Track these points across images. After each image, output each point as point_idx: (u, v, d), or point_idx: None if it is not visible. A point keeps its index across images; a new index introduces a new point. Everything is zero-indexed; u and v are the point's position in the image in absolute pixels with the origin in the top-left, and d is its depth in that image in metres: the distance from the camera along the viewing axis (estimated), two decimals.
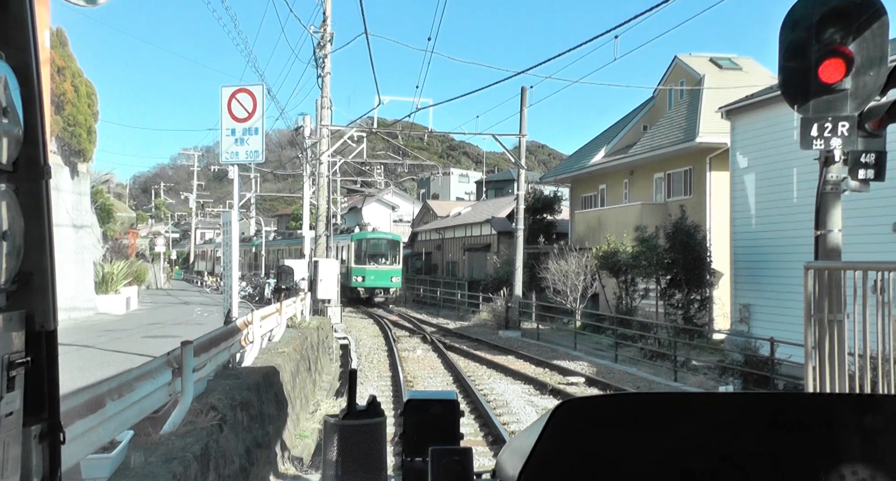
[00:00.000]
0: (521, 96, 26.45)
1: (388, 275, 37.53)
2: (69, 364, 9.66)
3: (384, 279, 37.39)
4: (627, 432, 1.19)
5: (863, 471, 1.15)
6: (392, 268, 37.87)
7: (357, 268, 37.18)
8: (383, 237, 39.46)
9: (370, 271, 37.17)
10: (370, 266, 37.18)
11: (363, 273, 37.15)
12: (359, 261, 37.29)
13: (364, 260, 37.23)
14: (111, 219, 35.57)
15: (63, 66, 19.49)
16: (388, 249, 38.14)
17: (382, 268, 37.46)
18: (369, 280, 37.10)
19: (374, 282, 37.19)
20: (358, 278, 36.99)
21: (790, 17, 5.74)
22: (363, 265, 37.14)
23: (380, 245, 38.20)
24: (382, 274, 37.36)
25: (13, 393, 1.14)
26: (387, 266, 37.64)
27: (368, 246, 37.74)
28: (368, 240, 38.15)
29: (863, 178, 5.94)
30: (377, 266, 37.36)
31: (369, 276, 37.04)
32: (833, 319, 5.58)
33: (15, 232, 1.16)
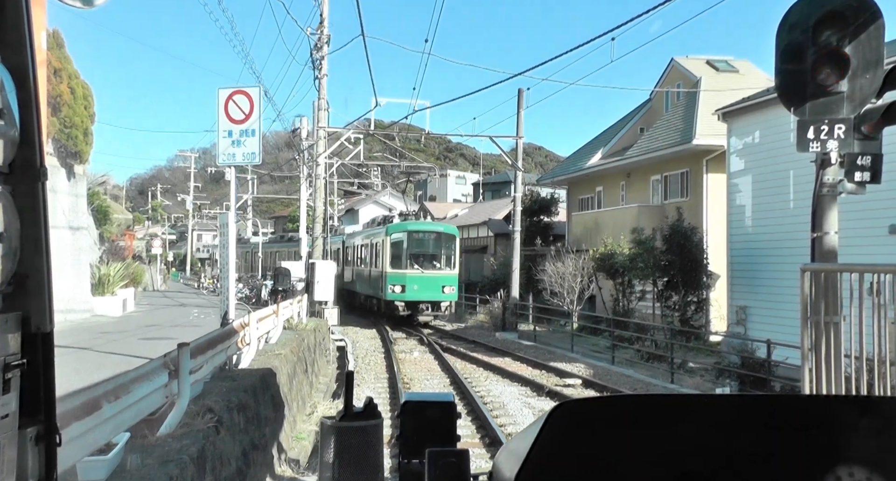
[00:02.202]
0: (517, 98, 26.49)
1: (440, 284, 26.89)
2: (65, 366, 9.64)
3: (433, 289, 26.75)
4: (624, 434, 1.19)
5: (859, 473, 1.15)
6: (445, 274, 27.36)
7: (394, 274, 26.78)
8: (433, 229, 28.56)
9: (415, 278, 26.69)
10: (414, 270, 26.80)
11: (403, 281, 26.64)
12: (397, 263, 27.04)
13: (405, 262, 27.00)
14: (108, 220, 35.52)
15: (59, 68, 19.47)
16: (441, 247, 27.71)
17: (432, 274, 26.97)
18: (412, 291, 26.52)
19: (420, 294, 26.64)
20: (395, 288, 26.61)
21: (787, 20, 5.76)
22: (403, 269, 26.76)
23: (428, 241, 27.82)
24: (431, 282, 26.77)
25: (9, 395, 1.14)
26: (438, 270, 27.24)
27: (412, 242, 27.33)
28: (412, 234, 27.53)
29: (859, 181, 5.96)
30: (424, 271, 26.95)
31: (412, 286, 26.54)
32: (829, 321, 5.59)
33: (11, 233, 1.16)
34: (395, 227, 27.85)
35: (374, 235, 29.43)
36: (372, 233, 30.40)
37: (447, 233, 28.35)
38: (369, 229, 32.21)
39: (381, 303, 28.11)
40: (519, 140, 26.92)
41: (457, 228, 30.07)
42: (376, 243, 28.78)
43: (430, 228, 28.88)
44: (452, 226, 30.44)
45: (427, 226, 29.62)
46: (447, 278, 27.42)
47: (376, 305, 29.05)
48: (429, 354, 20.16)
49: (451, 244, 27.98)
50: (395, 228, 27.74)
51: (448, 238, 28.04)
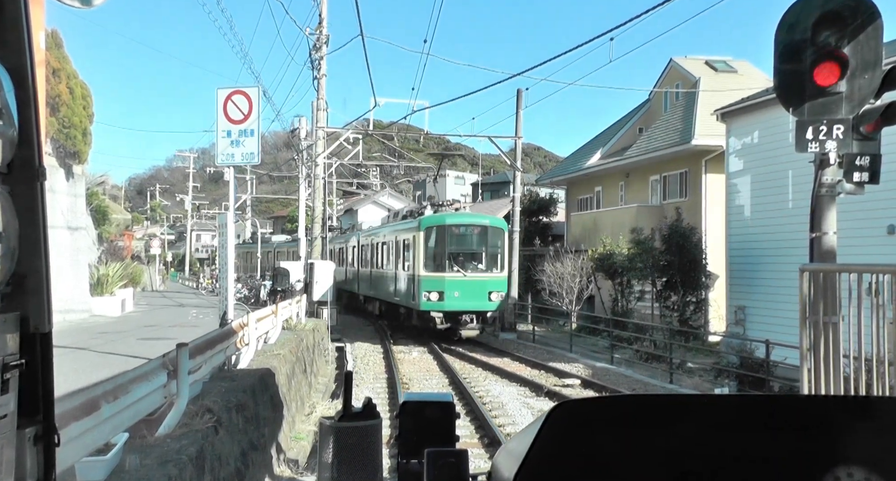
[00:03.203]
0: (516, 98, 26.50)
1: (485, 290, 21.94)
2: (64, 366, 9.64)
3: (478, 296, 21.77)
4: (623, 434, 1.19)
5: (858, 473, 1.15)
6: (492, 277, 22.29)
7: (430, 277, 21.71)
8: (478, 222, 23.13)
9: (456, 283, 21.61)
10: (455, 274, 21.71)
11: (441, 286, 21.51)
12: (434, 265, 22.02)
13: (442, 263, 21.92)
14: (107, 220, 35.52)
15: (58, 68, 19.46)
16: (487, 243, 22.60)
17: (476, 277, 22.00)
18: (453, 299, 21.45)
19: (462, 303, 21.55)
20: (431, 296, 21.52)
21: (785, 21, 5.77)
22: (441, 272, 21.71)
23: (471, 236, 22.75)
24: (476, 287, 21.79)
25: (7, 395, 1.14)
26: (484, 273, 22.27)
27: (452, 238, 22.30)
28: (452, 227, 22.36)
29: (858, 181, 5.96)
30: (467, 274, 21.87)
31: (452, 292, 21.43)
32: (828, 321, 5.60)
33: (9, 234, 1.16)
34: (431, 220, 22.49)
35: (403, 230, 24.15)
36: (399, 227, 25.14)
37: (494, 226, 22.88)
38: (394, 223, 27.03)
39: (412, 315, 22.85)
40: (518, 140, 26.94)
41: (504, 221, 24.55)
42: (405, 240, 23.44)
43: (474, 221, 23.00)
44: (500, 218, 24.82)
45: (470, 217, 23.51)
46: (495, 282, 22.23)
47: (405, 316, 23.68)
48: (427, 354, 20.16)
49: (498, 240, 22.80)
50: (431, 221, 22.38)
51: (495, 233, 22.72)
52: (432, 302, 21.61)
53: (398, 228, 25.27)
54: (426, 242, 22.09)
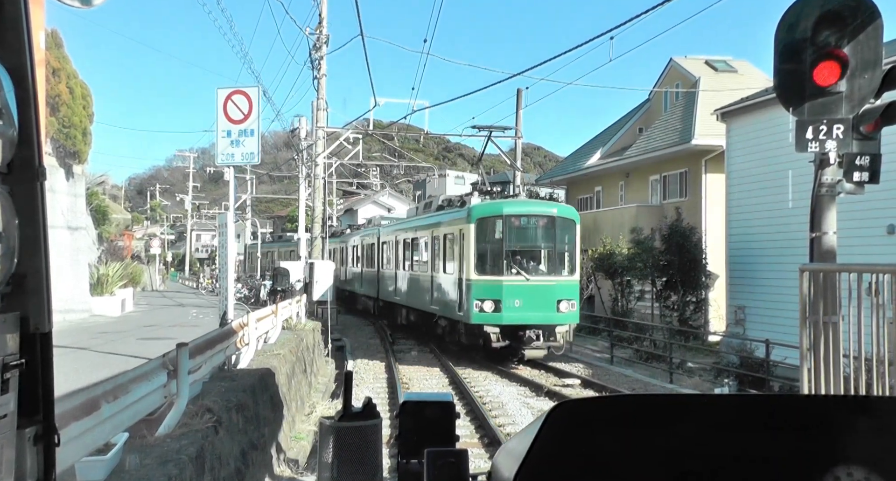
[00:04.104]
0: (516, 98, 26.49)
1: (553, 298, 17.25)
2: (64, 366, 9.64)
3: (544, 305, 17.16)
4: (623, 434, 1.19)
5: (858, 473, 1.15)
6: (561, 282, 17.60)
7: (483, 282, 17.23)
8: (544, 211, 18.09)
9: (516, 289, 17.09)
10: (515, 277, 17.22)
11: (498, 293, 17.09)
12: (487, 266, 17.52)
13: (499, 263, 17.37)
14: (106, 220, 35.53)
15: (58, 68, 19.47)
16: (556, 238, 17.85)
17: (542, 282, 17.39)
18: (512, 309, 16.98)
19: (525, 314, 17.01)
20: (484, 305, 17.04)
21: (785, 20, 5.77)
22: (498, 275, 17.25)
23: (535, 229, 18.01)
24: (541, 294, 17.19)
25: (7, 395, 1.14)
26: (551, 276, 17.65)
27: (512, 232, 17.69)
28: (511, 218, 17.68)
29: (858, 181, 5.96)
30: (531, 277, 17.30)
31: (512, 300, 17.00)
32: (828, 321, 5.60)
33: (9, 233, 1.16)
34: (484, 209, 17.86)
35: (444, 223, 19.59)
36: (438, 219, 20.40)
37: (564, 216, 17.88)
38: (429, 215, 22.11)
39: (456, 329, 18.54)
40: (518, 140, 26.93)
41: (574, 210, 19.43)
42: (448, 235, 19.06)
43: (538, 209, 18.03)
44: (569, 207, 19.70)
45: (534, 205, 18.45)
46: (564, 288, 17.38)
47: (447, 331, 19.38)
48: (428, 354, 20.15)
49: (569, 234, 17.88)
50: (485, 210, 17.78)
51: (565, 225, 17.76)
52: (486, 313, 16.90)
53: (437, 220, 20.45)
54: (478, 237, 17.46)
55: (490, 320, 17.07)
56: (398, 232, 24.97)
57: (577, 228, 18.16)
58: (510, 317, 16.98)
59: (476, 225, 17.50)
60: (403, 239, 23.85)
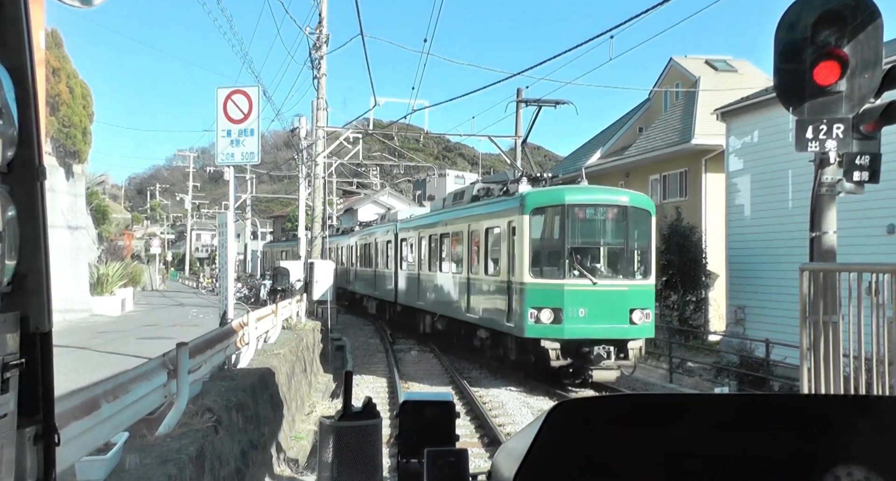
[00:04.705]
0: (516, 97, 26.48)
1: (625, 306, 14.20)
2: (64, 366, 9.64)
3: (614, 314, 14.09)
4: (623, 433, 1.19)
5: (858, 473, 1.15)
6: (634, 286, 14.62)
7: (539, 286, 14.25)
8: (614, 200, 15.11)
9: (579, 295, 14.07)
10: (579, 281, 14.16)
11: (558, 300, 14.03)
12: (545, 267, 14.63)
13: (560, 264, 14.34)
14: (106, 220, 35.53)
15: (58, 67, 19.47)
16: (628, 233, 14.84)
17: (611, 287, 14.39)
18: (576, 319, 13.95)
19: (591, 327, 13.96)
20: (541, 315, 14.00)
21: (785, 20, 5.77)
22: (558, 278, 14.22)
23: (604, 222, 15.15)
24: (610, 302, 14.19)
25: (7, 394, 1.14)
26: (622, 280, 14.67)
27: (576, 225, 14.70)
28: (575, 209, 14.68)
29: (858, 180, 5.96)
30: (599, 281, 14.22)
31: (576, 309, 13.98)
32: (828, 321, 5.60)
33: (9, 233, 1.16)
34: (541, 197, 14.74)
35: (486, 216, 16.60)
36: (476, 211, 17.39)
37: (637, 206, 14.73)
38: (464, 206, 18.79)
39: (505, 343, 15.35)
40: (518, 139, 26.93)
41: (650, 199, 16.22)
42: (492, 229, 16.13)
43: (608, 198, 15.02)
44: (643, 195, 16.35)
45: (602, 192, 15.81)
46: (639, 294, 14.34)
47: (492, 344, 16.20)
48: (428, 353, 20.14)
49: (643, 227, 14.78)
50: (542, 199, 14.66)
51: (639, 216, 14.69)
52: (543, 324, 13.75)
53: (475, 213, 17.33)
54: (534, 231, 14.38)
55: (548, 333, 13.81)
56: (422, 228, 21.86)
57: (653, 221, 15.01)
58: (574, 330, 13.76)
59: (531, 216, 14.43)
60: (429, 235, 20.84)
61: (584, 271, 14.11)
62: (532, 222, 14.39)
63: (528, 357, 14.65)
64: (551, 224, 14.78)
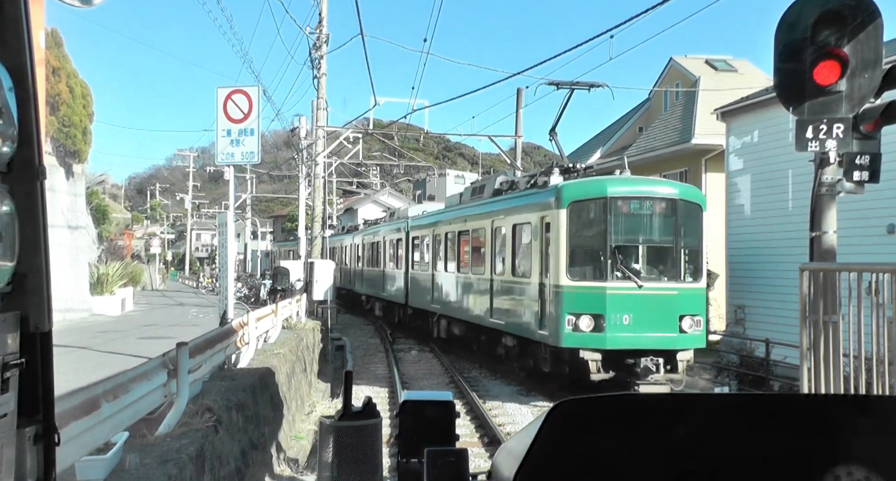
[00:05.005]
0: (516, 97, 26.48)
1: (673, 311, 12.60)
2: (64, 365, 9.64)
3: (661, 321, 12.48)
4: (623, 433, 1.19)
5: (858, 472, 1.15)
6: (683, 289, 12.89)
7: (574, 289, 12.65)
8: (660, 192, 13.25)
9: (623, 299, 12.47)
10: (621, 283, 12.56)
11: (599, 305, 12.46)
12: (584, 267, 13.03)
13: (601, 265, 12.69)
14: (106, 220, 35.54)
15: (58, 67, 19.47)
16: (676, 229, 13.04)
17: (658, 290, 12.70)
18: (619, 327, 12.33)
19: (636, 335, 12.31)
20: (579, 322, 12.36)
21: (785, 20, 5.77)
22: (598, 281, 12.63)
23: (648, 218, 13.16)
24: (656, 307, 12.53)
25: (7, 394, 1.14)
26: (669, 282, 12.91)
27: (619, 220, 12.87)
28: (618, 202, 12.83)
29: (858, 180, 5.96)
30: (645, 284, 12.57)
31: (619, 316, 12.36)
32: (828, 320, 5.60)
33: (9, 233, 1.16)
34: (580, 189, 13.12)
35: (513, 210, 15.07)
36: (502, 206, 15.92)
37: (687, 199, 13.13)
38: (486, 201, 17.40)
39: (537, 353, 13.68)
40: (518, 139, 26.93)
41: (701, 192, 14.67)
42: (521, 225, 14.52)
43: (656, 190, 13.28)
44: (692, 187, 14.99)
45: (647, 183, 13.99)
46: (689, 298, 12.84)
47: (518, 352, 14.69)
48: (428, 353, 20.15)
49: (694, 223, 13.17)
50: (580, 191, 13.06)
51: (690, 211, 13.09)
52: (582, 332, 12.22)
53: (501, 207, 15.87)
54: (571, 227, 12.77)
55: (588, 342, 12.24)
56: (437, 225, 20.27)
57: (704, 216, 13.30)
58: (617, 339, 12.16)
59: (569, 211, 12.77)
60: (446, 233, 19.28)
61: (629, 272, 12.54)
62: (569, 217, 12.82)
63: (562, 368, 13.09)
64: (591, 219, 13.10)
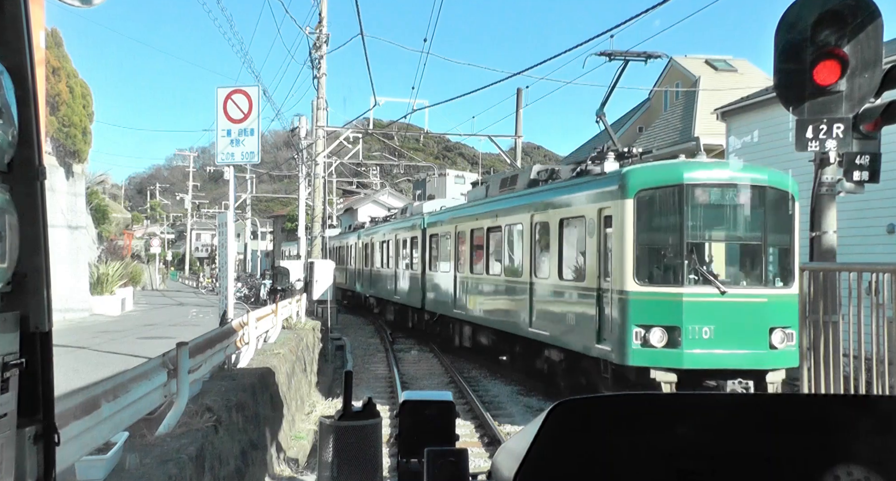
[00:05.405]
0: (516, 97, 26.49)
1: (763, 323, 9.95)
2: (64, 365, 9.64)
3: (750, 334, 9.89)
4: (623, 433, 1.19)
5: (858, 472, 1.15)
6: (773, 296, 10.10)
7: (644, 296, 10.20)
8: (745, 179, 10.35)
9: (701, 307, 9.91)
10: (700, 289, 10.02)
11: (673, 315, 9.96)
12: (654, 270, 10.59)
13: (676, 266, 10.32)
14: (106, 220, 35.52)
15: (58, 67, 19.46)
16: (765, 222, 10.38)
17: (744, 297, 10.05)
18: (697, 342, 9.80)
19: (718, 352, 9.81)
20: (649, 336, 9.96)
21: (785, 20, 5.77)
22: (673, 286, 10.20)
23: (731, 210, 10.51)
24: (743, 318, 9.91)
25: (7, 394, 1.14)
26: (758, 288, 10.24)
27: (696, 212, 10.28)
28: (694, 190, 10.21)
29: (858, 180, 5.96)
30: (729, 290, 9.95)
31: (698, 328, 9.82)
32: (828, 320, 5.60)
33: (9, 233, 1.15)
34: (649, 175, 10.83)
35: (561, 203, 12.84)
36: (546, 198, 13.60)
37: (777, 187, 10.62)
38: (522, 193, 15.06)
39: (597, 371, 11.25)
40: (518, 139, 26.95)
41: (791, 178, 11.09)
42: (570, 221, 12.46)
43: (741, 177, 10.59)
44: (784, 173, 11.11)
45: (730, 167, 11.17)
46: (781, 307, 10.07)
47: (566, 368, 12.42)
48: (427, 353, 20.15)
49: (784, 216, 10.67)
50: (650, 177, 10.76)
51: (780, 201, 10.68)
52: (653, 348, 10.03)
53: (544, 200, 13.57)
54: (639, 222, 10.52)
55: (661, 360, 10.01)
56: (460, 220, 18.16)
57: (797, 207, 10.57)
58: (696, 357, 9.85)
59: (636, 201, 10.52)
60: (471, 230, 17.23)
61: (710, 276, 10.19)
62: (637, 208, 10.54)
63: (621, 385, 10.79)
64: (664, 211, 10.87)
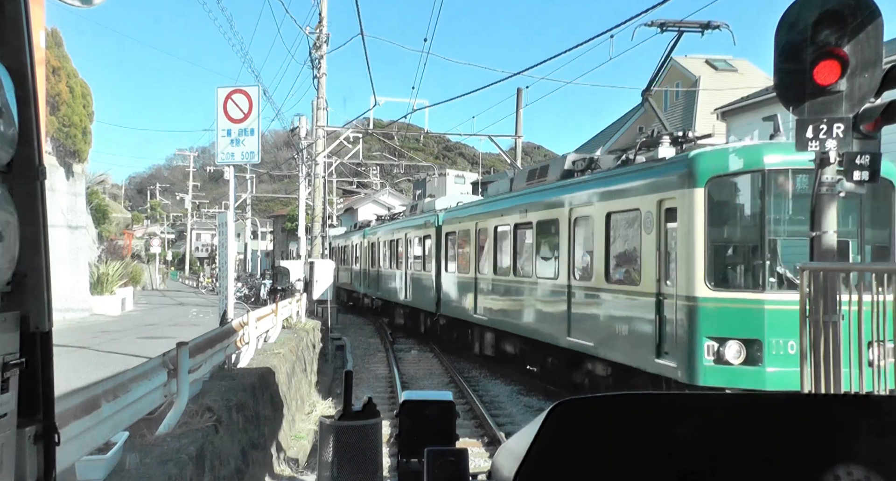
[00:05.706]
0: (516, 97, 26.49)
1: None
2: (64, 365, 9.64)
3: None
4: (623, 432, 1.19)
5: (858, 472, 1.15)
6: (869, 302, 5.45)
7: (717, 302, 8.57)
8: None
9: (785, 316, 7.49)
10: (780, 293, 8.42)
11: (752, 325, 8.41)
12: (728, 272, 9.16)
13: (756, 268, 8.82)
14: (106, 219, 35.52)
15: (58, 67, 19.46)
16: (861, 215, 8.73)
17: None
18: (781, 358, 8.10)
19: None
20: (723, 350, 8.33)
21: (785, 19, 5.76)
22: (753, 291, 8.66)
23: None
24: None
25: (7, 394, 1.14)
26: None
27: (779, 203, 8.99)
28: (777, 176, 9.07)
29: (858, 180, 5.95)
30: None
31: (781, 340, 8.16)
32: (828, 320, 5.60)
33: (9, 233, 1.15)
34: (723, 159, 9.47)
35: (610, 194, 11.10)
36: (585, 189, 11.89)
37: None
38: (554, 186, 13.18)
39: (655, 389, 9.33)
40: (518, 139, 26.94)
41: None
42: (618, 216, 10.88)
43: None
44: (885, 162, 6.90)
45: None
46: None
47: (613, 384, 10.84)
48: (427, 353, 20.16)
49: (882, 208, 9.15)
50: (723, 162, 9.41)
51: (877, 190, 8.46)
52: (728, 365, 8.46)
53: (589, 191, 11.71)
54: (711, 215, 9.14)
55: (739, 380, 8.39)
56: (480, 217, 16.68)
57: None
58: (781, 377, 8.07)
59: (708, 191, 9.10)
60: (495, 226, 15.59)
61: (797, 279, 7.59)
62: (709, 199, 9.07)
63: None
64: (741, 203, 9.65)
